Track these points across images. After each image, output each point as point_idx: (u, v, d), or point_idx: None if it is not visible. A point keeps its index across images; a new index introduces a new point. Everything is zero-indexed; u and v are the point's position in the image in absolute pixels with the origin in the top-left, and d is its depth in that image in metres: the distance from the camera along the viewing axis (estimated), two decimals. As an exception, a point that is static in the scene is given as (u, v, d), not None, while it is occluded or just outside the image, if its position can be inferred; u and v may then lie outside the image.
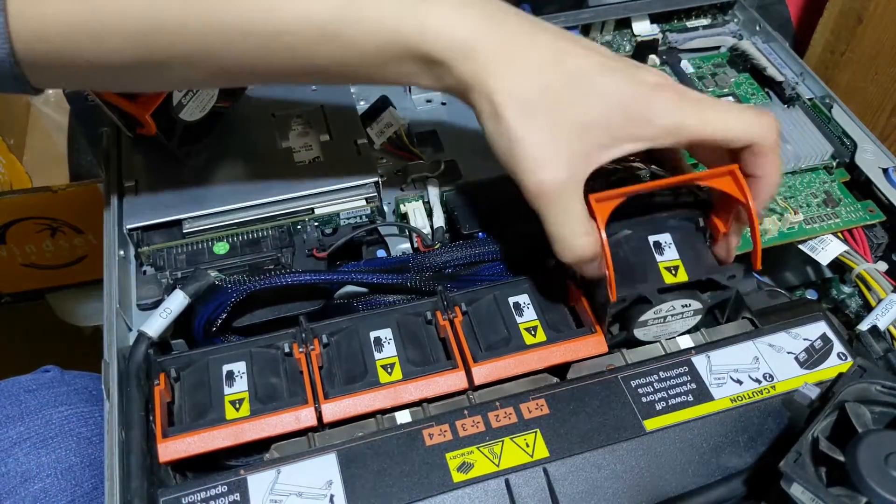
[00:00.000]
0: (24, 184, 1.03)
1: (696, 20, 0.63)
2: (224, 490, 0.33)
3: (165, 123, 0.44)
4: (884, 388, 0.32)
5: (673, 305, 0.38)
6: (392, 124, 0.51)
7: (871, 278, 0.45)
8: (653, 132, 0.35)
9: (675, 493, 0.34)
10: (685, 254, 0.38)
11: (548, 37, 0.35)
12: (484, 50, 0.34)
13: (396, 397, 0.37)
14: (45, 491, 0.45)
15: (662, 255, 0.38)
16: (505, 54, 0.34)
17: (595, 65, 0.35)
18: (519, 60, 0.34)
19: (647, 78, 0.36)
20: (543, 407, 0.36)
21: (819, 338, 0.39)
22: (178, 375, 0.38)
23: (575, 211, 0.35)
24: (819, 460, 0.30)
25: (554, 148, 0.34)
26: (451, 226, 0.47)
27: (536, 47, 0.35)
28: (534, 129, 0.34)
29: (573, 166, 0.34)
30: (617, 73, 0.35)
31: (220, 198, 0.45)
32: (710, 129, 0.35)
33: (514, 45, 0.34)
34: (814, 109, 0.53)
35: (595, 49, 0.37)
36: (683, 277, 0.38)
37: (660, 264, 0.38)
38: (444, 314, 0.39)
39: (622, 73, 0.35)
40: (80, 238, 0.91)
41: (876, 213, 0.48)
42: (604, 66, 0.35)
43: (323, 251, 0.45)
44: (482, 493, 0.34)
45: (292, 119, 0.51)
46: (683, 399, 0.36)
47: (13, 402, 0.48)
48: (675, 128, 0.35)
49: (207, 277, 0.40)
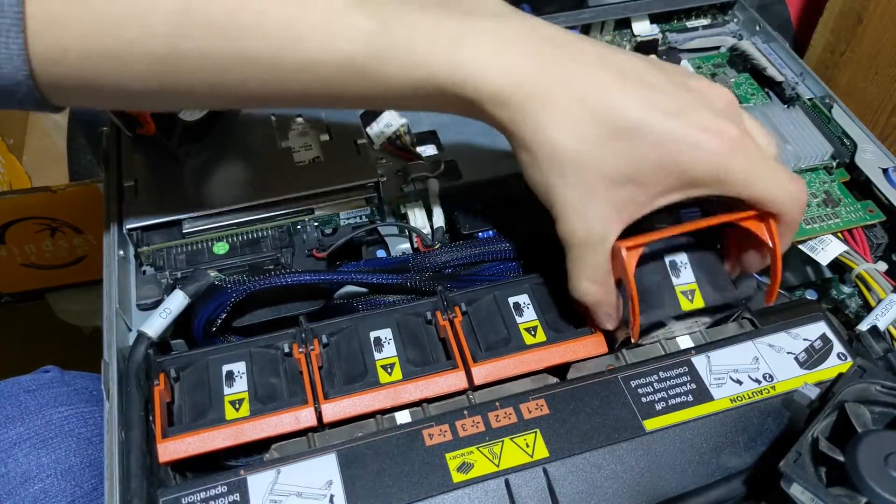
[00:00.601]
0: (23, 183, 1.03)
1: (696, 20, 0.63)
2: (224, 490, 0.33)
3: (165, 123, 0.45)
4: (884, 389, 0.32)
5: (684, 323, 0.39)
6: (392, 124, 0.51)
7: (870, 278, 0.45)
8: (692, 184, 0.34)
9: (675, 493, 0.34)
10: (701, 275, 0.38)
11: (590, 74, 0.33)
12: (518, 96, 0.33)
13: (396, 397, 0.37)
14: (45, 491, 0.45)
15: (679, 277, 0.38)
16: (540, 100, 0.33)
17: (637, 111, 0.32)
18: (556, 109, 0.33)
19: (703, 120, 0.33)
20: (543, 407, 0.36)
21: (819, 338, 0.39)
22: (178, 375, 0.38)
23: (593, 262, 0.35)
24: (819, 460, 0.30)
25: (584, 202, 0.34)
26: (451, 226, 0.47)
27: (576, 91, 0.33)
28: (566, 183, 0.33)
29: (602, 222, 0.34)
30: (663, 119, 0.33)
31: (219, 198, 0.45)
32: (750, 192, 0.34)
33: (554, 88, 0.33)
34: (814, 109, 0.53)
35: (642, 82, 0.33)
36: (700, 304, 0.37)
37: (676, 289, 0.37)
38: (444, 314, 0.39)
39: (672, 119, 0.33)
40: (79, 238, 0.91)
41: (876, 213, 0.48)
42: (648, 111, 0.33)
43: (323, 251, 0.45)
44: (482, 493, 0.34)
45: (292, 119, 0.51)
46: (683, 399, 0.36)
47: (13, 403, 0.48)
48: (715, 181, 0.34)
49: (207, 277, 0.40)
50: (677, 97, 0.33)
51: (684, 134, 0.33)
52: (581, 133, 0.33)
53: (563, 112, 0.33)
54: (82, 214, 0.89)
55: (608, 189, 0.33)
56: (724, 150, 0.33)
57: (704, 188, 0.34)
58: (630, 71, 0.34)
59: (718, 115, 0.34)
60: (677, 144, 0.33)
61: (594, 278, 0.35)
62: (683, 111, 0.33)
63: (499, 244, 0.44)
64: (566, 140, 0.33)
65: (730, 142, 0.33)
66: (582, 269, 0.35)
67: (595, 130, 0.33)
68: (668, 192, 0.34)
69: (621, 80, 0.33)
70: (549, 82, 0.33)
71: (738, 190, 0.34)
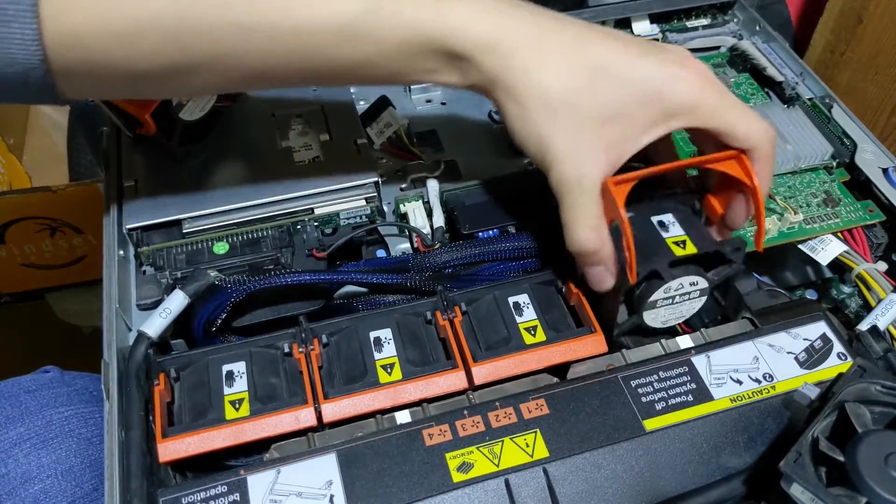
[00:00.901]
0: (23, 183, 1.03)
1: (696, 20, 0.63)
2: (224, 490, 0.33)
3: (165, 123, 0.44)
4: (884, 388, 0.32)
5: (682, 283, 0.38)
6: (392, 124, 0.52)
7: (870, 278, 0.45)
8: (670, 114, 0.36)
9: (675, 493, 0.34)
10: (689, 230, 0.39)
11: (570, 29, 0.36)
12: (507, 44, 0.35)
13: (396, 397, 0.37)
14: (45, 492, 0.45)
15: (668, 231, 0.39)
16: (528, 49, 0.35)
17: (617, 54, 0.35)
18: (542, 55, 0.35)
19: (670, 57, 0.36)
20: (543, 407, 0.36)
21: (819, 338, 0.39)
22: (178, 375, 0.38)
23: (587, 205, 0.36)
24: (819, 460, 0.30)
25: (576, 144, 0.35)
26: (451, 226, 0.47)
27: (559, 40, 0.35)
28: (557, 127, 0.35)
29: (594, 164, 0.36)
30: (640, 58, 0.36)
31: (219, 198, 0.45)
32: (723, 121, 0.36)
33: (536, 38, 0.35)
34: (814, 109, 0.53)
35: (618, 37, 0.37)
36: (692, 250, 0.38)
37: (667, 240, 0.38)
38: (444, 314, 0.39)
39: (645, 58, 0.36)
40: (79, 238, 0.92)
41: (876, 213, 0.48)
42: (626, 54, 0.36)
43: (323, 251, 0.45)
44: (482, 493, 0.34)
45: (292, 118, 0.51)
46: (683, 399, 0.36)
47: (13, 403, 0.48)
48: (691, 108, 0.36)
49: (207, 277, 0.40)
50: (650, 46, 0.37)
51: (662, 68, 0.36)
52: (568, 76, 0.35)
53: (552, 57, 0.35)
54: (82, 214, 0.89)
55: (597, 129, 0.35)
56: (696, 81, 0.36)
57: (682, 118, 0.37)
58: (607, 29, 0.38)
59: (686, 58, 0.37)
60: (656, 78, 0.36)
61: (590, 223, 0.36)
62: (656, 53, 0.37)
63: (499, 244, 0.44)
64: (555, 82, 0.35)
65: (700, 74, 0.36)
66: (578, 215, 0.36)
67: (581, 72, 0.35)
68: (652, 126, 0.36)
69: (600, 32, 0.37)
70: (536, 33, 0.35)
71: (711, 119, 0.36)
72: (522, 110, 0.35)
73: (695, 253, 0.38)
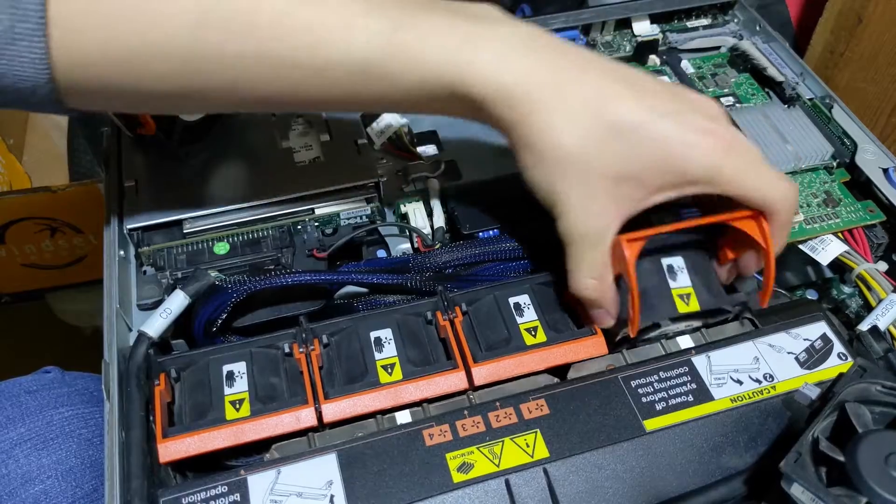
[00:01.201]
0: (23, 184, 1.03)
1: (697, 20, 0.63)
2: (224, 490, 0.33)
3: (165, 123, 0.44)
4: (884, 389, 0.32)
5: (678, 325, 0.39)
6: (392, 124, 0.51)
7: (871, 278, 0.45)
8: (687, 181, 0.35)
9: (676, 493, 0.34)
10: (696, 279, 0.39)
11: (592, 80, 0.35)
12: (526, 98, 0.34)
13: (396, 397, 0.37)
14: (45, 493, 0.45)
15: (675, 280, 0.39)
16: (546, 103, 0.34)
17: (637, 113, 0.34)
18: (560, 110, 0.34)
19: (696, 122, 0.35)
20: (543, 407, 0.36)
21: (819, 338, 0.39)
22: (179, 375, 0.38)
23: (592, 258, 0.36)
24: (819, 460, 0.30)
25: (585, 200, 0.35)
26: (451, 226, 0.47)
27: (580, 94, 0.34)
28: (568, 181, 0.35)
29: (602, 218, 0.35)
30: (660, 120, 0.34)
31: (220, 198, 0.45)
32: (743, 190, 0.35)
33: (556, 92, 0.34)
34: (814, 109, 0.53)
35: (641, 88, 0.35)
36: (695, 307, 0.38)
37: (673, 291, 0.38)
38: (445, 314, 0.39)
39: (666, 119, 0.34)
40: (79, 238, 0.92)
41: (876, 213, 0.48)
42: (647, 114, 0.34)
43: (323, 251, 0.45)
44: (482, 493, 0.34)
45: (292, 119, 0.51)
46: (683, 399, 0.36)
47: (14, 404, 0.48)
48: (708, 179, 0.35)
49: (208, 277, 0.40)
50: (674, 102, 0.35)
51: (680, 134, 0.34)
52: (585, 134, 0.34)
53: (569, 114, 0.34)
54: (82, 214, 0.89)
55: (608, 187, 0.35)
56: (717, 150, 0.35)
57: (699, 186, 0.35)
58: (631, 78, 0.35)
59: (711, 119, 0.35)
60: (674, 144, 0.34)
61: (594, 274, 0.36)
62: (680, 113, 0.35)
63: (499, 244, 0.44)
64: (571, 140, 0.34)
65: (722, 142, 0.35)
66: (582, 265, 0.36)
67: (598, 132, 0.34)
68: (665, 190, 0.36)
69: (623, 85, 0.35)
70: (555, 86, 0.34)
71: (731, 188, 0.35)
72: (536, 161, 0.35)
73: (697, 311, 0.38)
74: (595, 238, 0.36)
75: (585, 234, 0.36)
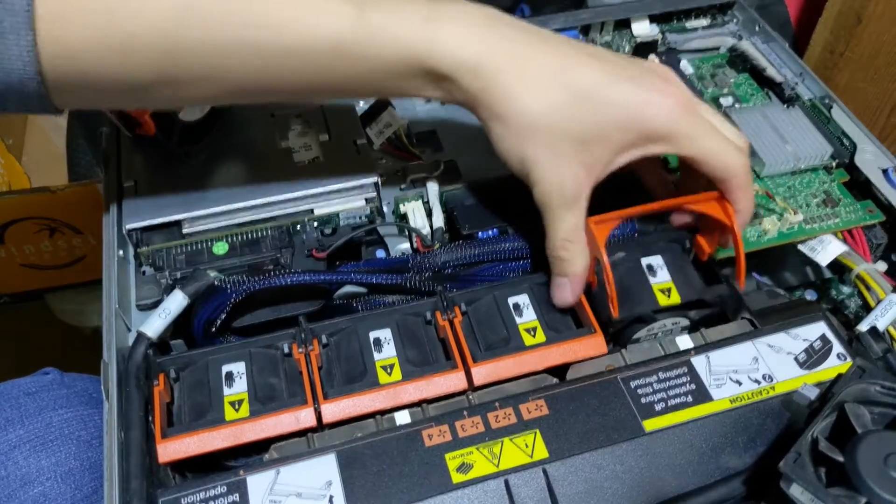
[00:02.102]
0: (22, 184, 1.03)
1: (696, 21, 0.63)
2: (223, 490, 0.33)
3: (165, 123, 0.44)
4: (883, 389, 0.32)
5: (664, 323, 0.40)
6: (391, 124, 0.51)
7: (870, 279, 0.45)
8: (649, 139, 0.37)
9: (675, 493, 0.34)
10: (676, 275, 0.40)
11: (553, 50, 0.37)
12: (490, 67, 0.35)
13: (396, 398, 0.37)
14: (44, 494, 0.45)
15: (655, 277, 0.40)
16: (511, 72, 0.36)
17: (598, 77, 0.36)
18: (524, 78, 0.36)
19: (655, 83, 0.37)
20: (543, 407, 0.36)
21: (818, 338, 0.39)
22: (178, 376, 0.38)
23: (567, 220, 0.38)
24: (818, 461, 0.30)
25: (556, 164, 0.37)
26: (450, 226, 0.47)
27: (543, 62, 0.36)
28: (538, 147, 0.37)
29: (574, 180, 0.37)
30: (620, 83, 0.37)
31: (219, 198, 0.45)
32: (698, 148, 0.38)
33: (520, 61, 0.36)
34: (813, 110, 0.53)
35: (600, 57, 0.37)
36: (676, 299, 0.40)
37: (653, 286, 0.40)
38: (444, 314, 0.39)
39: (625, 82, 0.37)
40: (78, 238, 0.92)
41: (875, 213, 0.48)
42: (607, 78, 0.36)
43: (322, 251, 0.45)
44: (482, 493, 0.34)
45: (291, 119, 0.51)
46: (683, 400, 0.36)
47: (13, 406, 0.48)
48: (667, 135, 0.37)
49: (207, 278, 0.40)
50: (632, 67, 0.38)
51: (640, 93, 0.37)
52: (550, 99, 0.36)
53: (533, 81, 0.36)
54: (82, 214, 0.89)
55: (577, 149, 0.37)
56: (675, 108, 0.37)
57: (660, 144, 0.38)
58: (590, 49, 0.38)
59: (668, 82, 0.38)
60: (634, 103, 0.37)
61: (568, 235, 0.38)
62: (639, 76, 0.37)
63: (498, 244, 0.44)
64: (537, 106, 0.36)
65: (681, 100, 0.37)
66: (557, 227, 0.38)
67: (562, 96, 0.36)
68: (629, 148, 0.38)
69: (583, 53, 0.37)
70: (519, 55, 0.36)
71: (687, 147, 0.38)
72: (505, 131, 0.37)
73: (678, 303, 0.40)
74: (569, 200, 0.37)
75: (560, 196, 0.37)
